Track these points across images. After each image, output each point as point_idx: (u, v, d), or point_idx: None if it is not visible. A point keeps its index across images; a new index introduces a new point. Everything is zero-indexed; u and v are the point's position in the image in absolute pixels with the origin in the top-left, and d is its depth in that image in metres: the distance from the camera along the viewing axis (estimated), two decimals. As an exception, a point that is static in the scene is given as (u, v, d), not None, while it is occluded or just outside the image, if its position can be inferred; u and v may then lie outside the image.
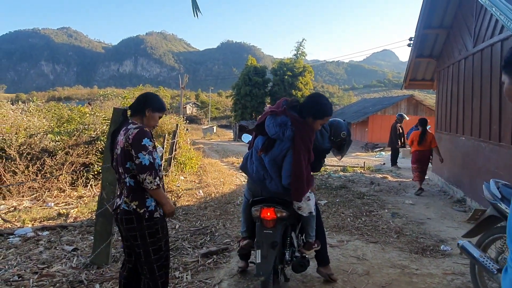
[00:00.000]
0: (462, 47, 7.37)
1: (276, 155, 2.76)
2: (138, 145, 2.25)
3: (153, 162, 2.27)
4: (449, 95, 8.25)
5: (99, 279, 3.39)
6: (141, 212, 2.30)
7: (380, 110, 24.23)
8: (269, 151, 2.79)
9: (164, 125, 14.05)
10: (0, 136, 7.65)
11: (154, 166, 2.27)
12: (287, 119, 2.70)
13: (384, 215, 5.84)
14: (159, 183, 2.29)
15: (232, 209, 6.28)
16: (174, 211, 2.47)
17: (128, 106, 2.53)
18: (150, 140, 2.31)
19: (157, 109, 2.50)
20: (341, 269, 3.64)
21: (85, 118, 9.67)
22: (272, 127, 2.73)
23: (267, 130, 2.77)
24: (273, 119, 2.75)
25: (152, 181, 2.25)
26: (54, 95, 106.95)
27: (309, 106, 2.80)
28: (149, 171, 2.24)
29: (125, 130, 2.36)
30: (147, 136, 2.30)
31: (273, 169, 2.79)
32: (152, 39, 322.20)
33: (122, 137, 2.33)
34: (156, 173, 2.28)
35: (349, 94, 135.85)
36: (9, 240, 4.63)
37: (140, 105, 2.47)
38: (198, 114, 72.01)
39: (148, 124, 2.49)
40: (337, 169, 11.37)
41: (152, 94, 2.60)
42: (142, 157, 2.24)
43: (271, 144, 2.79)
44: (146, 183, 2.25)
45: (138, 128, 2.31)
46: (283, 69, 43.23)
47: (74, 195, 7.27)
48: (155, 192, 2.30)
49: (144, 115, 2.46)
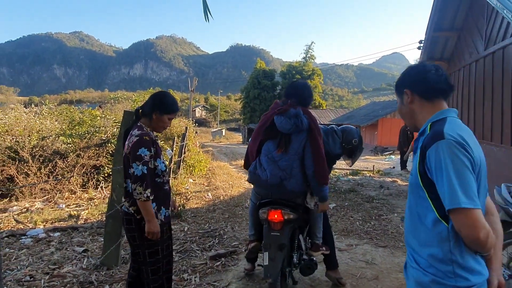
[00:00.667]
0: (473, 50, 7.30)
1: (296, 148, 2.81)
2: (134, 155, 2.21)
3: (146, 173, 2.20)
4: (459, 98, 8.16)
5: (109, 280, 3.42)
6: (138, 218, 2.30)
7: (390, 113, 24.04)
8: (288, 148, 2.82)
9: (173, 128, 14.15)
10: (13, 138, 7.80)
11: (146, 178, 2.20)
12: (297, 110, 2.80)
13: (393, 219, 5.79)
14: (148, 195, 2.20)
15: (241, 212, 6.29)
16: (157, 232, 2.27)
17: (141, 106, 2.47)
18: (148, 150, 2.24)
19: (165, 111, 2.40)
20: (350, 273, 3.62)
21: (96, 121, 9.79)
22: (286, 123, 2.79)
23: (281, 127, 2.81)
24: (283, 116, 2.81)
25: (142, 192, 2.18)
26: (66, 98, 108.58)
27: (308, 96, 3.01)
28: (140, 181, 2.18)
29: (130, 134, 2.34)
30: (145, 146, 2.23)
31: (294, 164, 2.80)
32: (162, 42, 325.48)
33: (126, 143, 2.33)
34: (147, 186, 2.20)
35: (358, 97, 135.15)
36: (22, 240, 4.71)
37: (148, 107, 2.40)
38: (207, 117, 72.38)
39: (157, 126, 2.43)
40: (346, 173, 11.31)
41: (161, 95, 2.47)
42: (135, 167, 2.20)
43: (288, 140, 2.82)
44: (135, 193, 2.20)
45: (138, 136, 2.26)
46: (292, 72, 43.26)
47: (84, 197, 7.37)
48: (142, 204, 2.22)
49: (151, 118, 2.39)
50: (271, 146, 2.89)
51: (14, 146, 7.56)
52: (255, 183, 3.00)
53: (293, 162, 2.81)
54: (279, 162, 2.82)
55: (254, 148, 3.00)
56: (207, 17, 2.36)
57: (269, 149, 2.90)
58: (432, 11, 7.93)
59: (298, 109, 2.82)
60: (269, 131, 2.89)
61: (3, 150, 7.43)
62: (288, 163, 2.80)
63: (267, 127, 2.89)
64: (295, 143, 2.81)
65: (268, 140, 2.93)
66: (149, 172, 2.23)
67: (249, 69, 69.52)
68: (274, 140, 2.89)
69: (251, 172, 2.97)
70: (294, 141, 2.82)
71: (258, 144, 2.97)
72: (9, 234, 4.93)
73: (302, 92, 2.98)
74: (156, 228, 2.27)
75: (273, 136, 2.88)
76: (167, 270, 2.51)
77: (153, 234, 2.26)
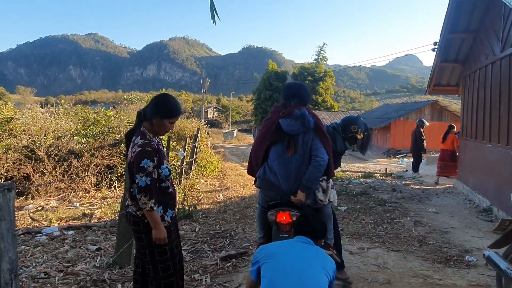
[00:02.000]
0: (489, 52, 7.17)
1: (305, 147, 2.84)
2: (137, 166, 2.23)
3: (150, 184, 2.23)
4: (475, 100, 8.02)
5: (121, 279, 3.47)
6: (146, 221, 2.32)
7: (403, 116, 23.74)
8: (297, 149, 2.84)
9: (185, 129, 14.26)
10: (30, 137, 7.98)
11: (150, 188, 2.23)
12: (303, 111, 2.82)
13: (406, 223, 5.72)
14: (152, 206, 2.23)
15: (252, 213, 6.30)
16: (164, 238, 2.32)
17: (143, 108, 2.44)
18: (151, 161, 2.25)
19: (166, 116, 2.35)
20: (362, 277, 3.58)
21: (110, 121, 9.95)
22: (293, 124, 2.81)
23: (289, 129, 2.82)
24: (289, 118, 2.83)
25: (147, 202, 2.21)
26: (81, 98, 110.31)
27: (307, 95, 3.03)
28: (144, 192, 2.21)
29: (133, 142, 2.33)
30: (147, 157, 2.23)
31: (304, 163, 2.83)
32: (175, 44, 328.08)
33: (130, 150, 2.33)
34: (152, 196, 2.23)
35: (370, 99, 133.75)
36: (37, 238, 4.81)
37: (149, 111, 2.37)
38: (219, 118, 72.65)
39: (159, 130, 2.41)
40: (358, 175, 11.22)
41: (162, 100, 2.41)
42: (139, 178, 2.22)
43: (295, 141, 2.84)
44: (140, 203, 2.23)
45: (141, 147, 2.25)
46: (304, 74, 43.16)
47: (98, 196, 7.48)
48: (148, 214, 2.26)
49: (151, 123, 2.37)
50: (279, 149, 2.89)
51: (31, 145, 7.74)
52: (266, 188, 2.97)
53: (304, 161, 2.84)
54: (291, 164, 2.84)
55: (260, 153, 2.96)
56: (214, 18, 2.38)
57: (278, 152, 2.90)
58: (447, 12, 7.83)
59: (303, 109, 2.84)
60: (275, 135, 2.89)
61: (20, 149, 7.61)
62: (299, 163, 2.83)
63: (275, 130, 2.89)
64: (304, 142, 2.85)
65: (275, 144, 2.92)
66: (153, 182, 2.26)
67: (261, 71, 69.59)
68: (281, 143, 2.89)
69: (261, 177, 2.95)
70: (302, 141, 2.85)
71: (266, 147, 2.95)
72: (25, 231, 5.05)
73: (300, 92, 3.00)
74: (163, 234, 2.31)
75: (280, 139, 2.89)
76: (180, 267, 2.53)
77: (160, 240, 2.31)
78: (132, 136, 2.39)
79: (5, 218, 1.84)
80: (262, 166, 2.96)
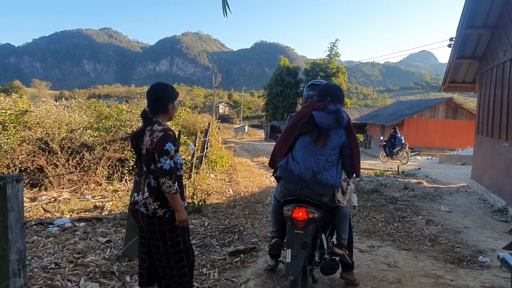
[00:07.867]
0: (507, 48, 6.96)
1: (335, 143, 2.91)
2: (161, 150, 2.28)
3: (174, 167, 2.29)
4: (492, 98, 7.82)
5: (130, 272, 3.49)
6: (161, 213, 2.35)
7: (417, 113, 23.37)
8: (326, 142, 2.89)
9: (196, 124, 14.31)
10: (44, 130, 8.10)
11: (174, 171, 2.29)
12: (337, 107, 2.93)
13: (418, 222, 5.62)
14: (177, 188, 2.30)
15: (261, 208, 6.28)
16: (186, 220, 2.42)
17: (147, 106, 2.47)
18: (173, 144, 2.32)
19: (176, 98, 2.54)
20: (371, 276, 3.53)
21: (122, 115, 10.03)
22: (326, 117, 2.89)
23: (322, 122, 2.88)
24: (323, 112, 2.90)
25: (172, 185, 2.27)
26: (94, 92, 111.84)
27: (341, 95, 3.13)
28: (169, 175, 2.26)
29: (150, 130, 2.38)
30: (171, 140, 2.31)
31: (330, 158, 2.87)
32: (187, 39, 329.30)
33: (148, 138, 2.36)
34: (176, 178, 2.29)
35: (384, 96, 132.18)
36: (49, 229, 4.88)
37: (162, 101, 2.45)
38: (230, 114, 72.78)
39: (172, 115, 2.55)
40: (370, 173, 11.10)
41: (166, 86, 2.51)
42: (163, 161, 2.27)
43: (327, 134, 2.90)
44: (164, 187, 2.28)
45: (163, 131, 2.33)
46: (316, 70, 42.76)
47: (109, 188, 7.56)
48: (172, 197, 2.31)
49: (167, 110, 2.48)
50: (307, 140, 2.93)
51: (45, 138, 7.85)
52: (286, 178, 2.96)
53: (330, 156, 2.88)
54: (317, 155, 2.86)
55: (287, 144, 2.99)
56: (225, 12, 2.37)
57: (305, 143, 2.93)
58: (465, 7, 7.62)
59: (338, 105, 2.95)
60: (306, 126, 2.94)
61: (34, 142, 7.73)
62: (325, 157, 2.86)
63: (308, 120, 2.93)
64: (334, 138, 2.91)
65: (303, 135, 2.96)
66: (175, 166, 2.32)
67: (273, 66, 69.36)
68: (310, 135, 2.94)
69: (282, 166, 2.96)
70: (333, 136, 2.91)
71: (293, 139, 2.98)
72: (38, 222, 5.13)
73: (335, 92, 3.09)
74: (185, 216, 2.39)
75: (310, 131, 2.94)
76: (192, 260, 2.56)
77: (183, 222, 2.38)
78: (139, 137, 2.46)
79: (13, 209, 1.85)
80: (285, 157, 3.00)
